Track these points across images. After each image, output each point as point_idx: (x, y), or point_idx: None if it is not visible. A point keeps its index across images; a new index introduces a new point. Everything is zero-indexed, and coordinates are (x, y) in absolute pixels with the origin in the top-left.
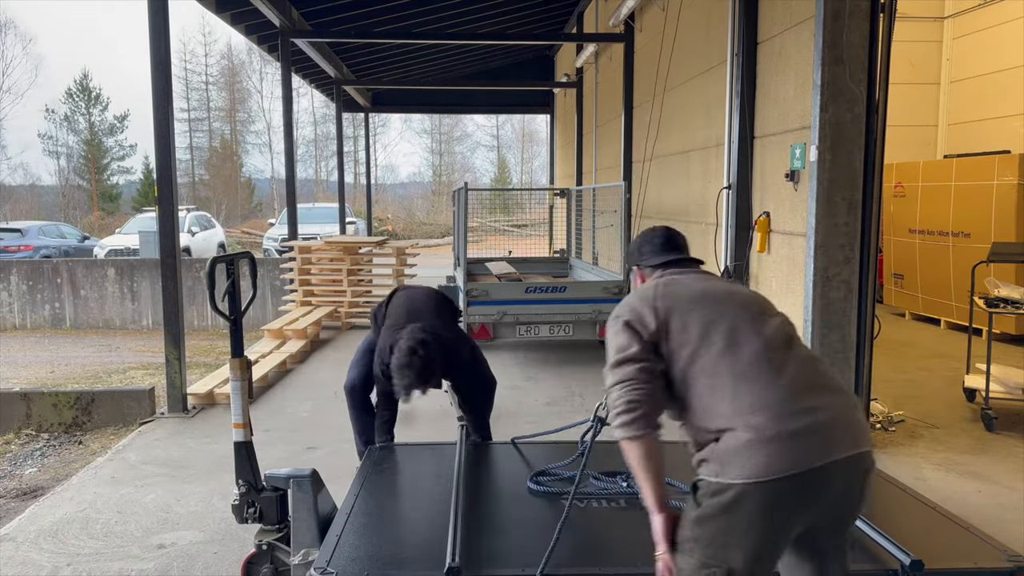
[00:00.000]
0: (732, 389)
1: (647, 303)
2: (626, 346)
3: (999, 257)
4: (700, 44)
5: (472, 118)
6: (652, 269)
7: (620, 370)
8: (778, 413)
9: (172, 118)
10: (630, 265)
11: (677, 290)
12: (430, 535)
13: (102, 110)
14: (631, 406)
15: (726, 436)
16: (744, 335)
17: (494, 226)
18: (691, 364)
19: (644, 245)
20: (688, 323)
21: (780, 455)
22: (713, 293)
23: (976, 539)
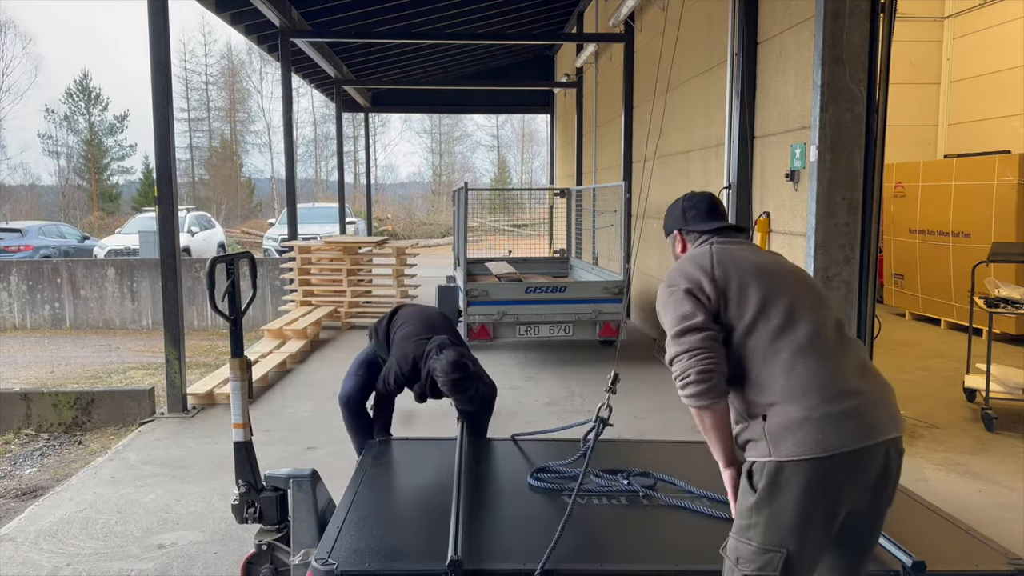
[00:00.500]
0: (787, 365)
1: (705, 272)
2: (690, 314)
3: (999, 257)
4: (700, 44)
5: (472, 118)
6: (698, 235)
7: (687, 339)
8: (830, 393)
9: (172, 118)
10: (672, 229)
11: (733, 259)
12: (430, 529)
13: (102, 110)
14: (703, 376)
15: (776, 412)
16: (801, 314)
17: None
18: (748, 336)
19: (689, 210)
20: (747, 295)
21: (833, 432)
22: (770, 267)
23: (977, 542)
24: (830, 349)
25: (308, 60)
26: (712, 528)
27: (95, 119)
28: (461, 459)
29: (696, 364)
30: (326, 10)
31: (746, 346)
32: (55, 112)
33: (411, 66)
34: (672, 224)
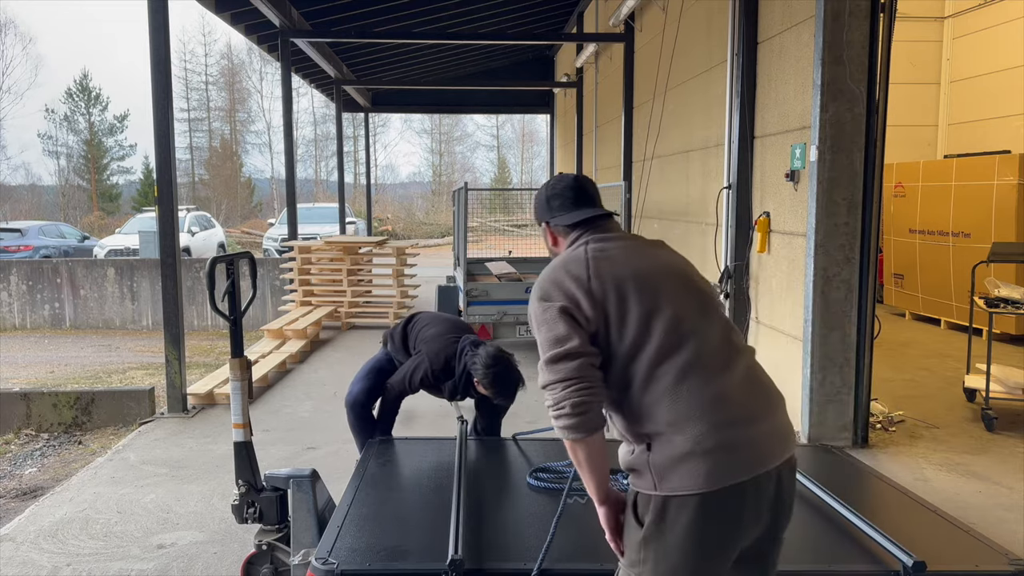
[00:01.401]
0: (671, 392)
1: (581, 285)
2: (565, 337)
3: (999, 257)
4: (700, 44)
5: (472, 118)
6: (568, 229)
7: (561, 366)
8: (716, 420)
9: (172, 118)
10: (540, 220)
11: (611, 267)
12: (430, 527)
13: (102, 110)
14: (577, 409)
15: (661, 443)
16: (684, 329)
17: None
18: (629, 362)
19: (553, 199)
20: (627, 314)
21: (722, 464)
22: (650, 273)
23: (977, 542)
24: (716, 367)
25: (308, 60)
26: None
27: (95, 119)
28: (461, 458)
29: (571, 395)
30: (326, 10)
31: (627, 372)
32: (55, 112)
33: (411, 66)
34: (539, 214)
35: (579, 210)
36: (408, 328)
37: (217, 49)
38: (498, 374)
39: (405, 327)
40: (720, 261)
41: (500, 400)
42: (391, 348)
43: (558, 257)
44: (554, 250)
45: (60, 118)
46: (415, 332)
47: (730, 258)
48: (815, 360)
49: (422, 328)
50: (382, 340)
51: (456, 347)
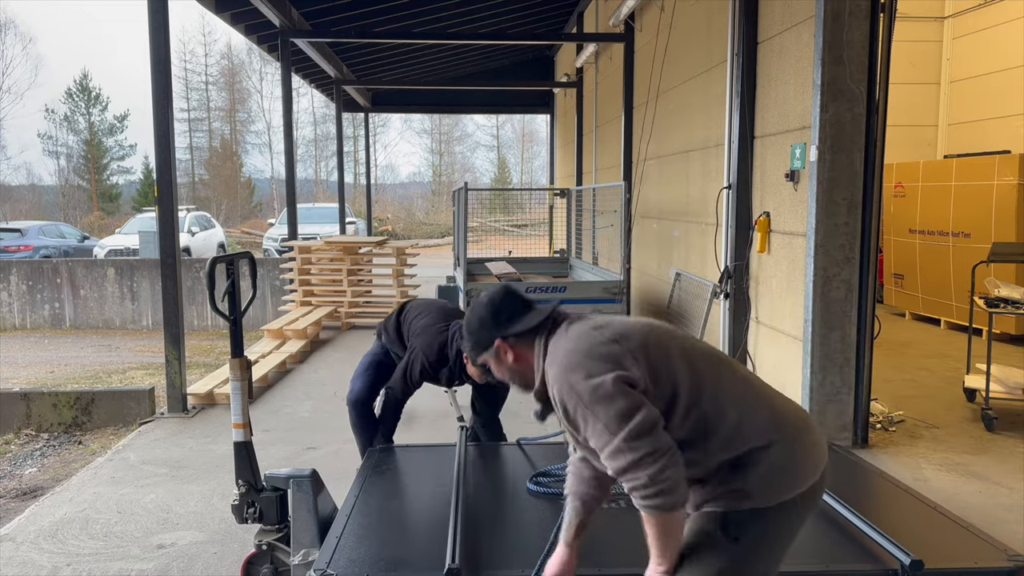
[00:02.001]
0: (747, 410)
1: (619, 349)
2: (634, 407)
3: (999, 257)
4: (700, 44)
5: (472, 118)
6: (534, 333)
7: (644, 441)
8: (793, 419)
9: (172, 118)
10: (487, 343)
11: (621, 330)
12: (430, 537)
13: (102, 110)
14: (676, 480)
15: (758, 455)
16: (711, 357)
17: (494, 226)
18: (692, 403)
19: (499, 313)
20: (667, 359)
21: (817, 456)
22: (641, 324)
23: (976, 538)
24: (755, 396)
25: (308, 60)
26: None
27: (95, 119)
28: (461, 466)
29: (667, 468)
30: (326, 10)
31: (695, 414)
32: (55, 112)
33: (411, 66)
34: (488, 336)
35: (533, 311)
36: (401, 318)
37: (217, 49)
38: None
39: (398, 318)
40: (720, 261)
41: (492, 379)
42: (386, 340)
43: (566, 343)
44: (515, 368)
45: (60, 118)
46: (408, 323)
47: (730, 258)
48: (815, 360)
49: (414, 319)
50: (376, 333)
51: (447, 335)
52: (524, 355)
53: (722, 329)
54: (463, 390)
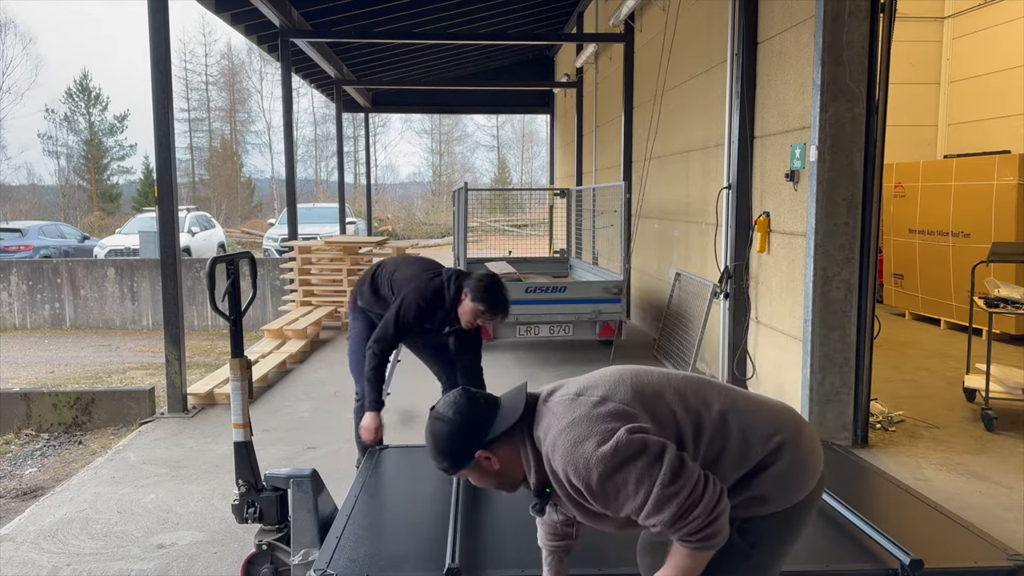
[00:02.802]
0: (746, 417)
1: (617, 405)
2: (660, 449)
3: (999, 257)
4: (700, 44)
5: (472, 118)
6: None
7: (684, 477)
8: (789, 417)
9: (172, 118)
10: (471, 457)
11: (605, 388)
12: (430, 536)
13: (102, 110)
14: (725, 508)
15: (770, 459)
16: (696, 382)
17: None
18: (699, 428)
19: (470, 422)
20: (660, 402)
21: (819, 450)
22: (620, 375)
23: (976, 538)
24: (755, 409)
25: (308, 60)
26: None
27: (95, 119)
28: None
29: (714, 500)
30: (326, 10)
31: (702, 441)
32: (55, 112)
33: (411, 66)
34: (464, 453)
35: (501, 406)
36: (377, 277)
37: (217, 49)
38: (490, 286)
39: (373, 276)
40: (720, 261)
41: (490, 317)
42: (363, 303)
43: (558, 422)
44: (502, 471)
45: (60, 118)
46: (386, 279)
47: (730, 258)
48: (815, 360)
49: (393, 273)
50: (351, 300)
51: (441, 279)
52: (508, 455)
53: (722, 329)
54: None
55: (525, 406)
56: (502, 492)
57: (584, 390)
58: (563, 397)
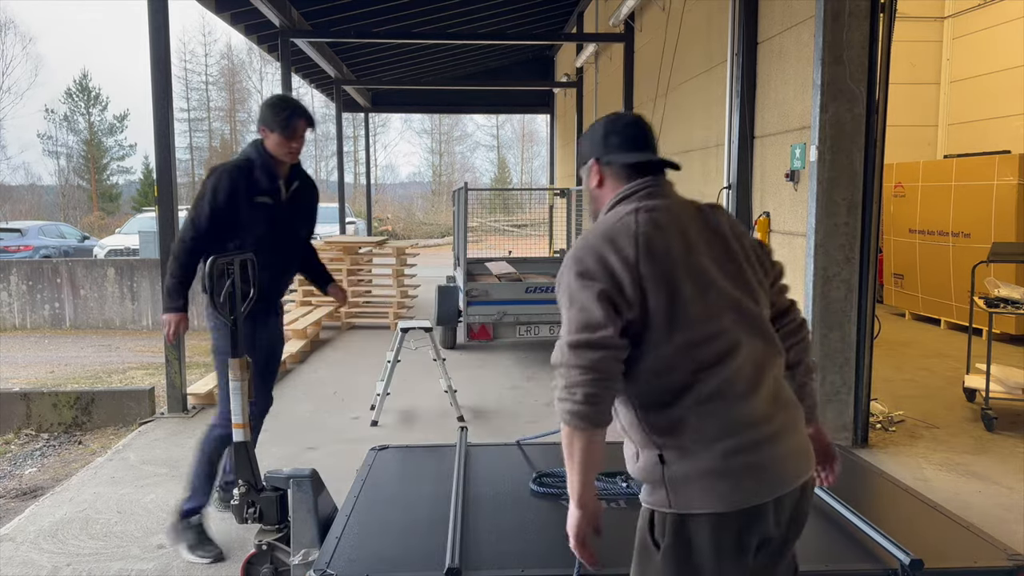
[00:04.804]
0: (703, 405)
1: (628, 267)
2: (599, 324)
3: (999, 257)
4: (700, 44)
5: (472, 118)
6: (624, 172)
7: (586, 354)
8: (748, 442)
9: (172, 118)
10: (588, 157)
11: (664, 249)
12: (430, 537)
13: (102, 110)
14: (592, 399)
15: (679, 455)
16: (732, 341)
17: (494, 226)
18: (664, 364)
19: (612, 135)
20: (675, 311)
21: (748, 487)
22: (704, 265)
23: (976, 538)
24: (752, 382)
25: (308, 60)
26: None
27: (95, 119)
28: (461, 466)
29: (587, 385)
30: (326, 10)
31: (658, 374)
32: (55, 112)
33: (411, 66)
34: (589, 151)
35: (640, 151)
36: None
37: (217, 49)
38: (272, 104)
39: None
40: None
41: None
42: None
43: (604, 222)
44: (595, 192)
45: (60, 118)
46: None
47: None
48: (815, 360)
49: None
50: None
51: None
52: (606, 187)
53: None
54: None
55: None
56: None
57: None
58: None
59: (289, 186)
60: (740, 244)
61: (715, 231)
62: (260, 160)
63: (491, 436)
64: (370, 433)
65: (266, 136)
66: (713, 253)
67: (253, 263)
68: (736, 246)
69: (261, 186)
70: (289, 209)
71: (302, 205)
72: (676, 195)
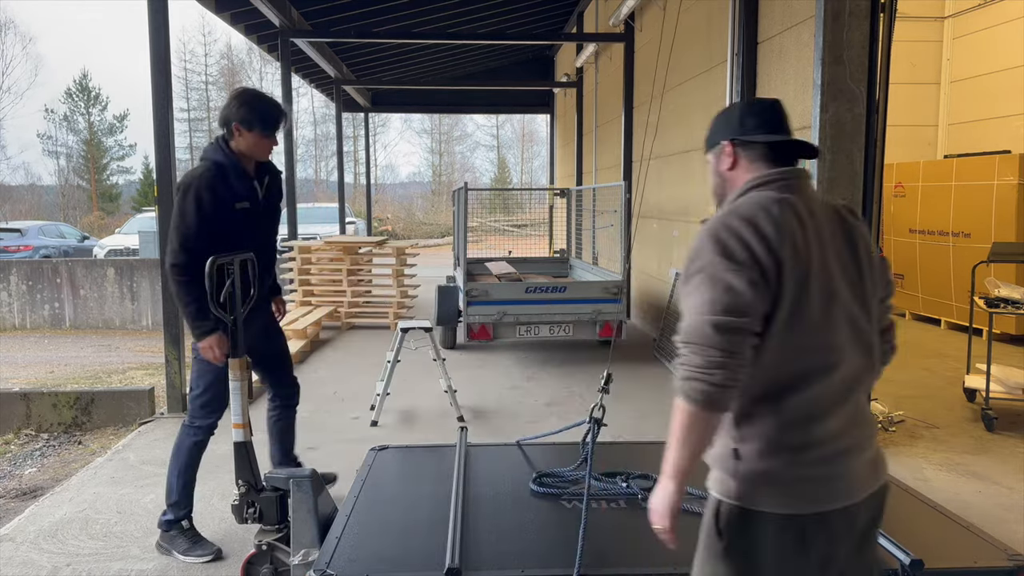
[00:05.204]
0: (796, 412)
1: (771, 253)
2: (747, 310)
3: (999, 257)
4: (700, 44)
5: (472, 118)
6: (760, 156)
7: (732, 338)
8: (821, 453)
9: (172, 118)
10: (718, 139)
11: (804, 246)
12: (430, 537)
13: (102, 110)
14: (729, 382)
15: (755, 452)
16: (840, 357)
17: (494, 226)
18: (776, 360)
19: (749, 117)
20: (801, 311)
21: (815, 492)
22: (834, 271)
23: (976, 538)
24: (846, 394)
25: (308, 60)
26: None
27: (95, 119)
28: (461, 466)
29: (726, 368)
30: (326, 10)
31: (763, 368)
32: (55, 112)
33: (411, 66)
34: (721, 133)
35: (777, 132)
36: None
37: (217, 49)
38: (245, 100)
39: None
40: None
41: (276, 124)
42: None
43: (742, 207)
44: (727, 175)
45: (60, 118)
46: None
47: None
48: None
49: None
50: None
51: (206, 157)
52: (739, 170)
53: None
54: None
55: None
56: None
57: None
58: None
59: (262, 183)
60: (867, 254)
61: (847, 236)
62: (230, 162)
63: (491, 436)
64: (370, 433)
65: (240, 135)
66: (842, 260)
67: (253, 263)
68: (863, 255)
69: (238, 192)
70: (265, 206)
71: (273, 199)
72: (814, 192)
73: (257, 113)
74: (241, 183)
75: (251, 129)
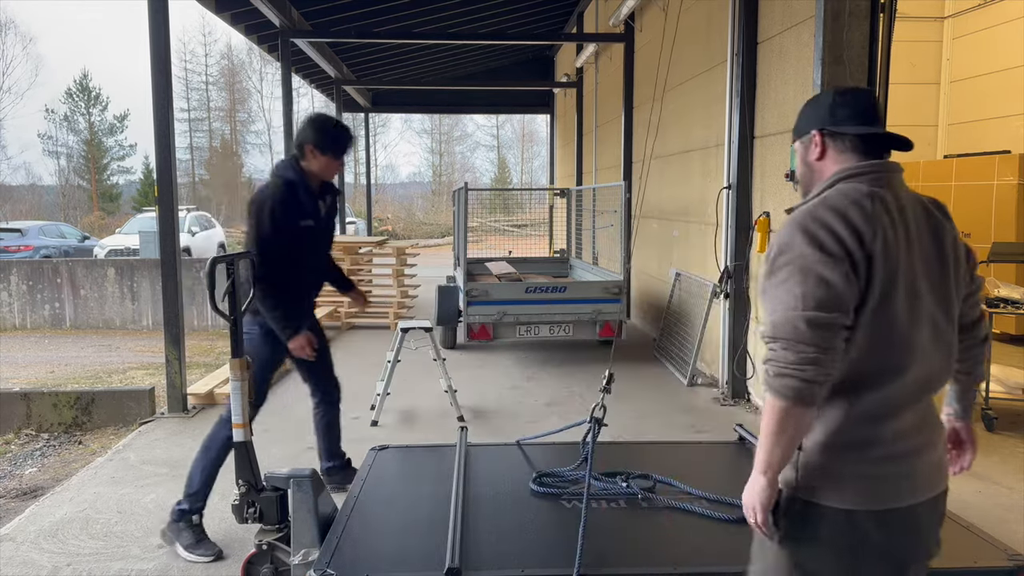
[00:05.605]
0: (868, 409)
1: (863, 247)
2: (841, 305)
3: (999, 257)
4: (700, 44)
5: (472, 118)
6: (847, 146)
7: (825, 334)
8: (886, 452)
9: (172, 118)
10: (808, 129)
11: (892, 240)
12: (430, 537)
13: (102, 110)
14: (822, 378)
15: (818, 448)
16: (918, 358)
17: (494, 226)
18: (857, 355)
19: (841, 107)
20: (887, 309)
21: (878, 490)
22: (920, 272)
23: (976, 538)
24: (914, 398)
25: (308, 60)
26: (710, 529)
27: (95, 119)
28: (461, 466)
29: (820, 365)
30: (326, 10)
31: (844, 368)
32: (55, 112)
33: (411, 66)
34: (811, 122)
35: (869, 124)
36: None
37: (217, 49)
38: (320, 126)
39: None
40: (720, 261)
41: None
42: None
43: (832, 199)
44: (815, 165)
45: (60, 118)
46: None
47: (730, 258)
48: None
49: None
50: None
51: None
52: (827, 160)
53: (722, 329)
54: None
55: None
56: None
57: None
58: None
59: (325, 202)
60: (954, 250)
61: (935, 233)
62: (300, 180)
63: (491, 436)
64: (370, 433)
65: (313, 156)
66: (927, 257)
67: (254, 263)
68: (950, 251)
69: (306, 208)
70: (325, 224)
71: (331, 216)
72: (905, 186)
73: (330, 138)
74: (308, 200)
75: (324, 152)
